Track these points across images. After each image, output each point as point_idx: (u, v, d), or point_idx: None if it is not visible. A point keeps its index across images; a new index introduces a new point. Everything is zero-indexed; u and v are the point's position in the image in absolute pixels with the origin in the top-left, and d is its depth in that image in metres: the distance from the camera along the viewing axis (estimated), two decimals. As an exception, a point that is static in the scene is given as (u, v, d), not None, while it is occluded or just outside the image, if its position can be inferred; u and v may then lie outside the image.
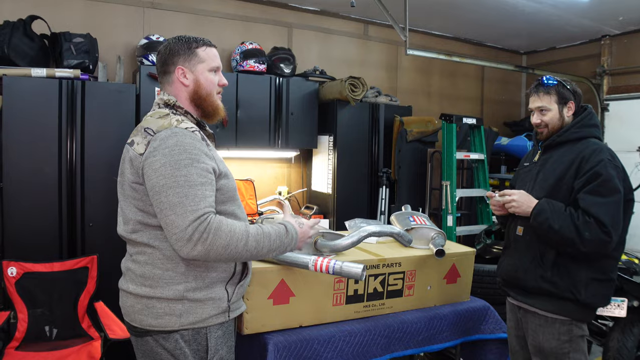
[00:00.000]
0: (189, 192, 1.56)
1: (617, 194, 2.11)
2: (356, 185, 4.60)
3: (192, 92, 1.78)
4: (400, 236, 2.53)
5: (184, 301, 1.65)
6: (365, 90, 4.43)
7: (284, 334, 2.15)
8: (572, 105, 2.30)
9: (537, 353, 2.29)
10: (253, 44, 4.30)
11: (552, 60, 6.39)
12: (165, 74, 1.79)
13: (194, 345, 1.68)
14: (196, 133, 1.67)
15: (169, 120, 1.67)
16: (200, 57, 1.78)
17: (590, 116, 2.30)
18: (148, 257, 1.68)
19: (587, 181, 2.13)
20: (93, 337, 3.06)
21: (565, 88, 2.28)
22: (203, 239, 1.53)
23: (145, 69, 3.73)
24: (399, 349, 2.39)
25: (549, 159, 2.31)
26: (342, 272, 2.02)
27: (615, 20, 5.21)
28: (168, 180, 1.56)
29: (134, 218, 1.68)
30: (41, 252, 3.25)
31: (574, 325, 2.21)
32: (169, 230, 1.56)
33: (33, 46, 3.46)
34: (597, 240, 2.07)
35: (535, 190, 2.28)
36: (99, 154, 3.45)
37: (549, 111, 2.29)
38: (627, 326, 3.12)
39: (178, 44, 1.77)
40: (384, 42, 5.59)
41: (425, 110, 5.67)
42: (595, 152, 2.17)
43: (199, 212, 1.54)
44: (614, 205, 2.10)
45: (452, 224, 4.49)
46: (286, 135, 4.36)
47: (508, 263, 2.38)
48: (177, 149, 1.59)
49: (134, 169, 1.65)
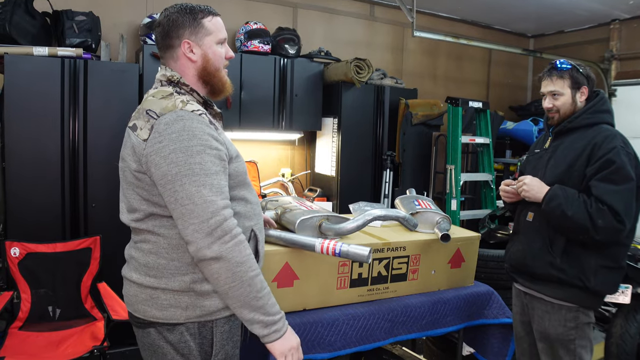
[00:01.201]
0: (206, 181, 1.45)
1: (630, 182, 2.08)
2: (360, 168, 4.57)
3: (200, 68, 1.64)
4: (406, 220, 2.51)
5: (190, 293, 1.54)
6: (370, 72, 4.38)
7: (287, 317, 2.12)
8: (586, 91, 2.24)
9: (543, 339, 2.28)
10: (258, 24, 4.25)
11: (560, 44, 6.31)
12: (169, 49, 1.63)
13: (199, 339, 1.58)
14: (203, 116, 1.54)
15: (173, 102, 1.53)
16: (207, 28, 1.62)
17: (602, 101, 2.25)
18: (152, 246, 1.57)
19: (600, 168, 2.10)
20: (96, 317, 3.07)
21: (579, 72, 2.23)
22: (224, 240, 1.45)
23: (148, 48, 3.68)
24: (402, 333, 2.39)
25: (560, 145, 2.27)
26: (349, 255, 2.01)
27: (626, 4, 5.12)
28: (182, 168, 1.44)
29: (139, 207, 1.56)
30: (44, 232, 3.26)
31: (581, 312, 2.20)
32: (186, 221, 1.45)
33: (35, 24, 3.43)
34: (610, 228, 2.04)
35: (547, 176, 2.24)
36: (101, 134, 3.42)
37: (561, 96, 2.24)
38: (630, 313, 3.12)
39: (182, 14, 1.60)
40: (390, 23, 5.52)
41: (431, 93, 5.61)
42: (608, 138, 2.13)
43: (219, 205, 1.46)
44: (627, 193, 2.07)
45: (456, 208, 4.47)
46: (290, 117, 4.33)
47: (517, 249, 2.36)
48: (186, 134, 1.46)
49: (137, 157, 1.51)
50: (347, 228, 2.26)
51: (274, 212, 2.47)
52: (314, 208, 2.42)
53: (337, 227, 2.26)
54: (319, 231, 2.28)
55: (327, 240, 2.05)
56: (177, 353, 1.57)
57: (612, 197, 2.04)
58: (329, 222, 2.29)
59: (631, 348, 3.03)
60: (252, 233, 1.65)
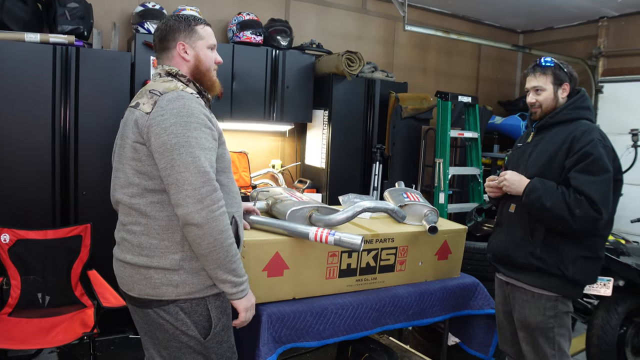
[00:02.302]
0: (201, 154, 1.61)
1: (607, 173, 2.16)
2: (350, 160, 4.61)
3: (192, 67, 1.83)
4: (394, 212, 2.55)
5: (180, 271, 1.68)
6: (361, 65, 4.41)
7: (277, 306, 2.18)
8: (567, 87, 2.34)
9: (523, 328, 2.36)
10: (250, 14, 4.25)
11: (549, 40, 6.37)
12: (165, 50, 1.83)
13: (194, 316, 1.72)
14: (200, 99, 1.74)
15: (174, 84, 1.73)
16: (199, 34, 1.83)
17: (583, 98, 2.35)
18: (143, 228, 1.70)
19: (578, 160, 2.18)
20: (86, 304, 3.08)
21: (561, 70, 2.33)
22: (212, 209, 1.60)
23: (140, 37, 3.68)
24: (389, 323, 2.44)
25: (541, 139, 2.36)
26: (342, 243, 2.09)
27: (614, 2, 5.19)
28: (180, 139, 1.60)
29: (132, 181, 1.69)
30: (34, 219, 3.26)
31: (560, 301, 2.28)
32: (180, 187, 1.59)
33: (27, 10, 3.41)
34: (588, 218, 2.12)
35: (528, 169, 2.32)
36: (93, 121, 3.42)
37: (544, 91, 2.34)
38: (612, 305, 3.19)
39: (178, 21, 1.82)
40: (382, 16, 5.54)
41: (421, 87, 5.66)
42: (586, 132, 2.21)
43: (211, 176, 1.61)
44: (604, 184, 2.14)
45: (444, 201, 4.53)
46: (281, 108, 4.35)
47: (499, 240, 2.44)
48: (186, 111, 1.63)
49: (138, 129, 1.66)
50: (337, 219, 2.30)
51: (264, 202, 2.50)
52: (305, 199, 2.46)
53: (327, 218, 2.29)
54: (309, 222, 2.32)
55: (321, 229, 2.12)
56: (176, 329, 1.72)
57: (589, 187, 2.12)
58: (319, 213, 2.33)
59: (611, 339, 3.11)
60: (233, 219, 1.78)
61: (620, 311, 3.18)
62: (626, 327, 3.22)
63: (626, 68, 5.58)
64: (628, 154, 4.61)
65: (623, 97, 5.54)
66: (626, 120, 5.24)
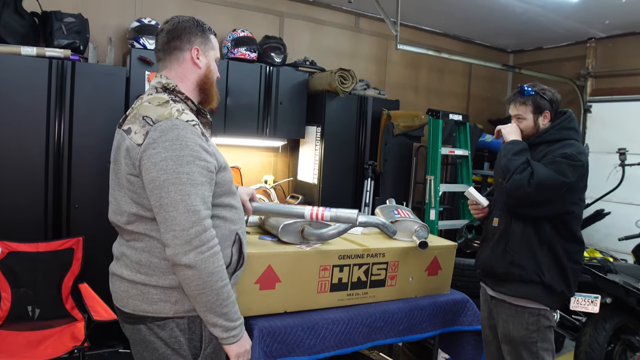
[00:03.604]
0: (191, 190, 1.51)
1: (564, 177, 2.21)
2: (342, 177, 4.64)
3: (203, 75, 1.74)
4: (386, 227, 2.58)
5: (180, 289, 1.61)
6: (354, 83, 4.47)
7: (268, 320, 2.20)
8: (548, 115, 2.42)
9: (507, 342, 2.40)
10: (245, 31, 4.30)
11: (539, 60, 6.48)
12: (175, 51, 1.70)
13: (188, 334, 1.65)
14: (197, 127, 1.60)
15: (169, 110, 1.58)
16: (213, 43, 1.77)
17: (569, 119, 2.41)
18: (145, 245, 1.62)
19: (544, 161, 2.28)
20: (77, 318, 3.07)
21: (542, 98, 2.40)
22: (201, 250, 1.51)
23: (136, 52, 3.71)
24: (380, 338, 2.46)
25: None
26: (339, 218, 2.11)
27: (601, 24, 5.30)
28: (169, 176, 1.50)
29: (129, 210, 1.61)
30: (26, 232, 3.25)
31: (542, 315, 2.32)
32: (168, 227, 1.51)
33: (23, 24, 3.43)
34: (519, 183, 2.20)
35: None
36: (87, 135, 3.44)
37: (524, 120, 2.44)
38: (599, 322, 3.22)
39: (193, 24, 1.72)
40: (375, 35, 5.63)
41: (413, 104, 5.72)
42: (565, 146, 2.30)
43: (202, 215, 1.52)
44: (554, 177, 2.20)
45: (434, 217, 4.56)
46: (274, 124, 4.39)
47: (485, 254, 2.50)
48: (179, 144, 1.52)
49: (131, 160, 1.56)
50: (329, 234, 2.33)
51: (257, 217, 2.53)
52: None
53: (319, 233, 2.32)
54: (301, 236, 2.34)
55: (316, 208, 2.14)
56: (168, 347, 1.63)
57: (539, 168, 2.21)
58: (311, 227, 2.36)
59: (599, 356, 3.14)
60: (237, 236, 1.72)
61: (608, 328, 3.21)
62: (614, 344, 3.26)
63: (614, 88, 5.68)
64: (616, 173, 4.69)
65: (611, 117, 5.64)
66: (614, 139, 5.33)
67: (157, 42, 1.74)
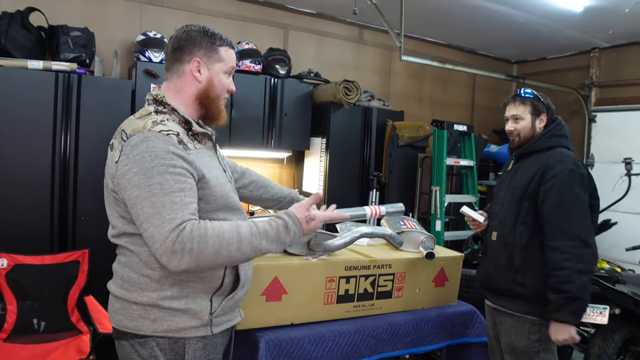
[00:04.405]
0: (164, 200, 1.43)
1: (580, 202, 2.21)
2: (347, 188, 4.64)
3: (202, 90, 1.65)
4: (392, 238, 2.57)
5: (157, 309, 1.55)
6: (359, 94, 4.48)
7: (275, 332, 2.18)
8: (544, 118, 2.44)
9: (510, 352, 2.39)
10: (249, 44, 4.33)
11: (542, 71, 6.49)
12: (176, 62, 1.64)
13: (170, 354, 1.57)
14: (171, 136, 1.52)
15: (144, 122, 1.54)
16: (220, 55, 1.66)
17: (559, 127, 2.43)
18: (127, 260, 1.59)
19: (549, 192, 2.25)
20: (82, 331, 3.06)
21: (539, 101, 2.43)
22: (188, 249, 1.42)
23: (141, 64, 3.74)
24: (387, 350, 2.43)
25: (520, 167, 2.45)
26: (391, 210, 2.20)
27: (605, 34, 5.31)
28: (142, 190, 1.44)
29: (115, 224, 1.59)
30: (32, 245, 3.26)
31: (544, 325, 2.29)
32: (151, 245, 1.45)
33: (30, 38, 3.47)
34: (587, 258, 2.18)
35: (506, 197, 2.42)
36: (93, 148, 3.45)
37: (522, 120, 2.44)
38: (608, 333, 3.19)
39: (201, 34, 1.63)
40: (379, 46, 5.65)
41: (417, 115, 5.73)
42: (559, 161, 2.28)
43: (177, 221, 1.42)
44: (581, 215, 2.22)
45: (440, 228, 4.55)
46: (279, 136, 4.40)
47: (485, 267, 2.50)
48: (148, 156, 1.46)
49: (110, 177, 1.55)
50: (335, 244, 2.32)
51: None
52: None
53: (326, 244, 2.31)
54: (307, 247, 2.33)
55: (374, 205, 2.20)
56: None
57: (570, 223, 2.18)
58: (317, 239, 2.34)
59: (608, 368, 3.11)
60: None
61: (617, 339, 3.18)
62: (623, 355, 3.23)
63: (619, 98, 5.68)
64: (622, 183, 4.67)
65: (616, 127, 5.63)
66: (619, 149, 5.32)
67: (167, 48, 1.70)
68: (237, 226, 1.50)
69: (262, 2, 4.84)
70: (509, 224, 2.36)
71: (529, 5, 4.51)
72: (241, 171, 2.14)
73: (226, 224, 1.50)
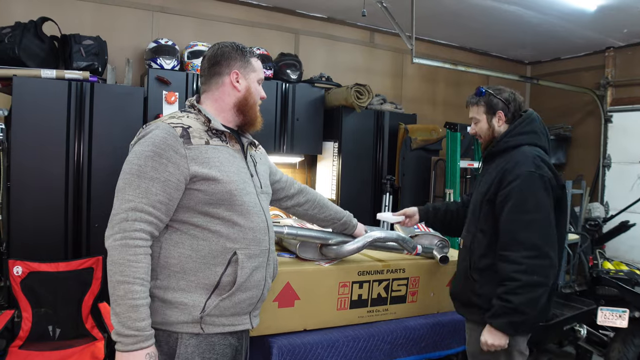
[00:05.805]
0: (133, 181, 1.55)
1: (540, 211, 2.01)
2: (360, 192, 4.62)
3: (241, 98, 1.78)
4: (405, 242, 2.54)
5: (153, 298, 1.58)
6: (370, 98, 4.46)
7: (287, 338, 2.17)
8: (502, 115, 2.22)
9: (472, 358, 2.23)
10: (260, 49, 4.34)
11: (556, 71, 6.42)
12: (214, 75, 1.77)
13: (165, 347, 1.61)
14: (177, 129, 1.62)
15: (164, 118, 1.71)
16: (253, 66, 1.80)
17: (524, 123, 2.20)
18: None
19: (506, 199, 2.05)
20: (97, 337, 3.07)
21: (495, 97, 2.22)
22: (115, 238, 1.50)
23: (153, 72, 3.76)
24: (402, 355, 2.41)
25: (487, 170, 2.26)
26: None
27: (620, 32, 5.24)
28: (127, 166, 1.59)
29: None
30: (46, 252, 3.28)
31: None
32: (111, 217, 1.55)
33: (43, 47, 3.50)
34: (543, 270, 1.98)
35: (473, 199, 2.28)
36: (106, 155, 3.48)
37: (478, 122, 2.27)
38: (628, 337, 3.13)
39: (233, 49, 1.78)
40: (390, 49, 5.63)
41: (430, 118, 5.70)
42: (518, 163, 2.07)
43: (133, 206, 1.52)
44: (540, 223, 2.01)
45: (454, 232, 4.50)
46: (291, 140, 4.39)
47: (455, 276, 2.37)
48: (148, 141, 1.59)
49: None
50: (348, 249, 2.30)
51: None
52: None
53: (338, 249, 2.29)
54: (319, 253, 2.32)
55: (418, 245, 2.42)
56: None
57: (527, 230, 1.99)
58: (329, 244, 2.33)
59: (629, 372, 3.05)
60: (234, 257, 1.63)
61: (637, 343, 3.12)
62: (644, 359, 3.16)
63: (635, 97, 5.59)
64: (640, 183, 4.59)
65: (632, 126, 5.54)
66: (636, 149, 5.24)
67: (201, 67, 1.82)
68: (141, 273, 1.51)
69: (273, 8, 4.85)
70: (472, 231, 2.20)
71: (542, 6, 4.46)
72: (298, 189, 2.19)
73: (144, 264, 1.52)
